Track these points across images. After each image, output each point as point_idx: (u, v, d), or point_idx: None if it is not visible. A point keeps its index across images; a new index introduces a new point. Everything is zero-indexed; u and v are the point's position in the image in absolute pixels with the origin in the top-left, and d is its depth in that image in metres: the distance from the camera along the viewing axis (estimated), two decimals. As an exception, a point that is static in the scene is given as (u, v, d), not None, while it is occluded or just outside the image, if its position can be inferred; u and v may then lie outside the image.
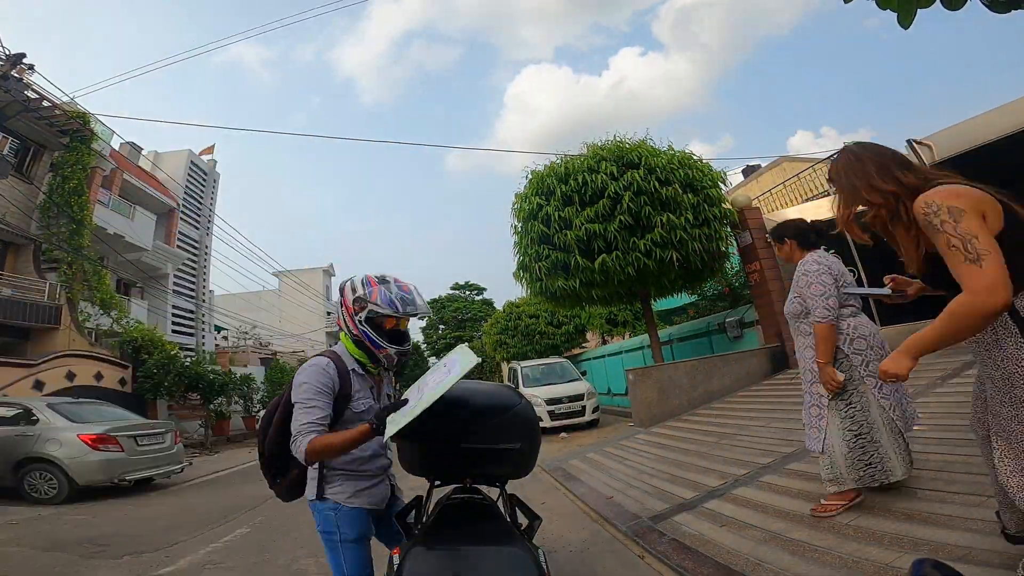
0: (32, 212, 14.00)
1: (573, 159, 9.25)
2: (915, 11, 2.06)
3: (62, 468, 6.86)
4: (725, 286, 12.48)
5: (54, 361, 12.39)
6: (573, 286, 8.82)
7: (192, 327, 21.95)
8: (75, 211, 14.16)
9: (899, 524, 2.75)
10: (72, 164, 14.41)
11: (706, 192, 8.90)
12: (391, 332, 1.89)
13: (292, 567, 3.81)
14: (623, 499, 4.70)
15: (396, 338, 1.90)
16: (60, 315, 13.49)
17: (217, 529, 5.08)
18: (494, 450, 1.75)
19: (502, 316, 21.98)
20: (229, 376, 16.70)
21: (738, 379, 8.65)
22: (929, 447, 3.66)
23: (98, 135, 15.14)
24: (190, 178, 23.11)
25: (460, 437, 1.79)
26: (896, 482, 2.96)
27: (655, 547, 3.42)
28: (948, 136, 6.48)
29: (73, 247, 14.04)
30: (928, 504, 2.87)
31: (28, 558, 4.33)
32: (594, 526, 4.24)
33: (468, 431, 1.79)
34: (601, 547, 3.70)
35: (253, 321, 30.85)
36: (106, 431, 7.20)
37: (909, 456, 2.97)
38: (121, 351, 14.53)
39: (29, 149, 14.21)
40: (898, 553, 2.47)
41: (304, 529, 4.85)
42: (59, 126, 14.25)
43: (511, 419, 1.79)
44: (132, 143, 18.28)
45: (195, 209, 23.33)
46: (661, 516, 3.97)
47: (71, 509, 6.45)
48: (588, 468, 6.35)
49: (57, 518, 5.95)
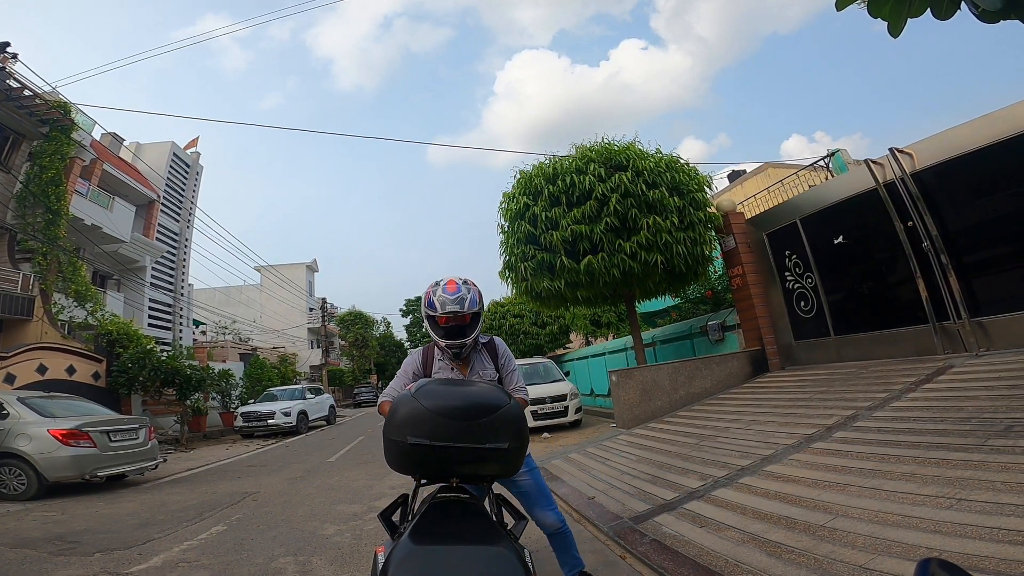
0: (8, 202, 13.63)
1: (561, 160, 9.27)
2: (905, 20, 2.11)
3: (31, 463, 6.71)
4: (708, 290, 12.61)
5: (25, 354, 12.08)
6: (558, 287, 8.84)
7: (170, 321, 21.55)
8: (52, 201, 13.84)
9: (873, 527, 2.80)
10: (51, 154, 14.09)
11: (692, 196, 8.98)
12: (446, 328, 2.31)
13: (269, 565, 3.76)
14: (605, 499, 4.72)
15: (451, 332, 2.31)
16: (33, 306, 13.15)
17: (192, 527, 4.99)
18: (482, 449, 1.74)
19: (487, 315, 21.95)
20: (207, 371, 16.42)
21: (719, 382, 8.75)
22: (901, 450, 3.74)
23: (79, 125, 14.82)
24: (172, 170, 22.69)
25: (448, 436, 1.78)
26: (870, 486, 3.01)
27: (636, 547, 3.44)
28: (930, 145, 6.60)
29: (48, 237, 13.71)
30: (900, 507, 2.93)
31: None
32: (576, 526, 4.24)
33: (456, 430, 1.78)
34: (583, 547, 3.68)
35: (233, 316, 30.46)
36: (77, 426, 7.06)
37: None
38: (95, 344, 14.20)
39: (8, 138, 13.85)
40: (872, 555, 2.52)
41: (282, 528, 4.79)
42: (40, 116, 13.92)
43: (499, 419, 1.78)
44: (114, 134, 17.90)
45: (176, 201, 22.92)
46: (642, 517, 4.00)
47: (40, 505, 6.31)
48: (570, 468, 6.37)
49: (25, 514, 5.82)
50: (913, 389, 5.24)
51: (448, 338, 2.30)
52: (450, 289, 2.26)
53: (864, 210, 7.48)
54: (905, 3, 2.08)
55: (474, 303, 2.27)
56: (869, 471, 3.59)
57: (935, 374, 5.55)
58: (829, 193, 8.13)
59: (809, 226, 8.37)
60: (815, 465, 4.07)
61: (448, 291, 2.25)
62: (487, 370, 2.47)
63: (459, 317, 2.27)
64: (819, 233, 8.24)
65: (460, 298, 2.24)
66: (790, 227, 8.68)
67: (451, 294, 2.25)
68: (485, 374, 2.45)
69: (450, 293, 2.25)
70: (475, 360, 2.49)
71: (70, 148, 14.61)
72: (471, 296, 2.26)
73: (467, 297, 2.25)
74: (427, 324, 2.36)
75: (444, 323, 2.29)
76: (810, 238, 8.37)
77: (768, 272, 9.32)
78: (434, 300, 2.26)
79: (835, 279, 8.15)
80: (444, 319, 2.28)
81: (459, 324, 2.29)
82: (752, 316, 9.30)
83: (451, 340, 2.30)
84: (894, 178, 6.90)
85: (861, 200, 7.48)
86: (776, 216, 9.15)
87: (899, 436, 4.10)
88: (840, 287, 8.13)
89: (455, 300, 2.23)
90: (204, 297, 30.71)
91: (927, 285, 6.71)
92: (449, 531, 1.63)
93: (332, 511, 5.39)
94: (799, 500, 3.49)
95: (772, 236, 9.17)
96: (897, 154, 6.87)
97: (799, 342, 8.84)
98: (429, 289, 2.31)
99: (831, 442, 4.49)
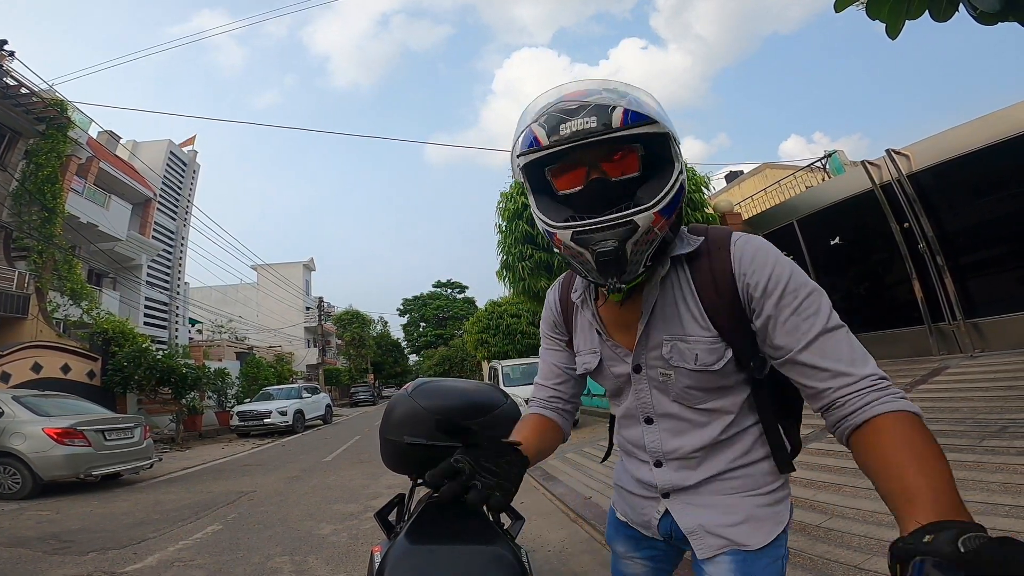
0: (4, 199, 13.58)
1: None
2: (904, 21, 2.12)
3: (26, 462, 6.68)
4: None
5: (20, 352, 12.03)
6: (556, 287, 8.86)
7: (165, 320, 21.49)
8: (48, 199, 13.79)
9: (868, 527, 2.81)
10: (47, 152, 14.06)
11: (690, 196, 9.00)
12: (577, 197, 0.92)
13: (265, 564, 3.74)
14: (601, 499, 4.72)
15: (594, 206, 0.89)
16: (28, 305, 13.11)
17: (188, 526, 4.97)
18: None
19: (484, 315, 21.93)
20: (203, 370, 16.34)
21: (716, 382, 8.78)
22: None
23: (75, 123, 14.77)
24: (169, 168, 22.64)
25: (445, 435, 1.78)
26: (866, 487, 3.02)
27: None
28: (927, 147, 6.63)
29: (44, 235, 13.66)
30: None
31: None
32: (572, 526, 4.25)
33: (453, 429, 1.78)
34: (579, 547, 3.72)
35: (229, 315, 30.38)
36: (72, 425, 7.04)
37: None
38: (90, 343, 14.15)
39: (4, 136, 13.80)
40: (867, 555, 2.52)
41: (278, 527, 4.77)
42: (36, 113, 13.87)
43: (496, 418, 1.78)
44: (110, 132, 17.87)
45: (173, 200, 22.86)
46: None
47: (34, 504, 6.27)
48: (567, 468, 6.37)
49: (19, 514, 5.78)
50: (908, 390, 5.26)
51: (587, 245, 0.85)
52: (573, 94, 0.90)
53: (861, 211, 7.51)
54: (903, 5, 2.09)
55: (640, 114, 0.83)
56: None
57: (930, 375, 5.57)
58: (826, 194, 8.16)
59: (806, 227, 8.40)
60: (810, 465, 4.07)
61: (568, 97, 0.89)
62: (698, 332, 0.93)
63: (604, 151, 0.86)
64: (816, 234, 8.27)
65: (597, 106, 0.84)
66: (787, 228, 8.70)
67: (575, 100, 0.87)
68: (692, 347, 0.92)
69: (573, 99, 0.87)
70: (666, 301, 0.96)
71: (66, 146, 14.56)
72: (630, 98, 0.86)
73: (616, 101, 0.85)
74: (535, 210, 0.94)
75: (568, 183, 0.90)
76: (807, 239, 8.40)
77: (765, 273, 9.34)
78: (533, 128, 0.88)
79: (831, 280, 8.17)
80: (563, 172, 0.90)
81: (606, 180, 0.87)
82: (749, 317, 9.33)
83: (600, 251, 0.83)
84: (891, 179, 6.92)
85: (858, 201, 7.50)
86: (773, 217, 9.17)
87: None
88: (836, 288, 8.15)
89: (585, 112, 0.83)
90: (200, 295, 30.63)
91: (923, 286, 6.74)
92: (446, 531, 1.63)
93: (328, 510, 5.38)
94: (794, 500, 3.50)
95: (769, 237, 9.08)
96: (894, 155, 6.90)
97: (795, 343, 8.86)
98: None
99: (826, 442, 4.50)
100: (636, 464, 1.06)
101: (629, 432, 1.06)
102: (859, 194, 7.40)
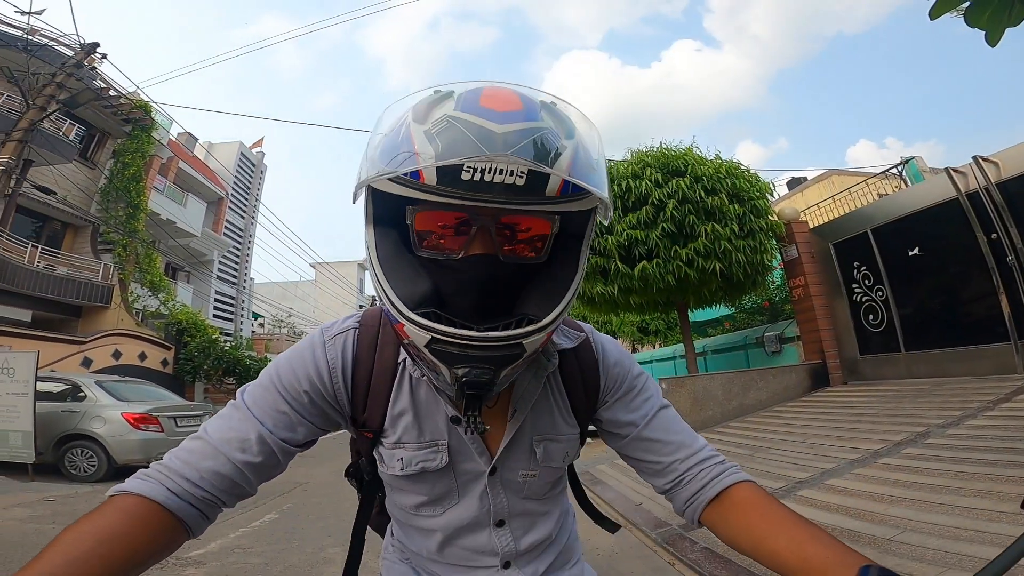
0: (93, 195, 14.69)
1: (617, 164, 9.16)
2: (1004, 29, 1.99)
3: (103, 446, 6.95)
4: (765, 300, 12.17)
5: (103, 339, 12.88)
6: (611, 292, 8.72)
7: (231, 312, 22.66)
8: (133, 196, 14.83)
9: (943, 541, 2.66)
10: (132, 151, 15.12)
11: (753, 203, 8.68)
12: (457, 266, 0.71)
13: (319, 555, 3.85)
14: (652, 506, 4.61)
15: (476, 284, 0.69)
16: (111, 295, 14.07)
17: (246, 514, 5.17)
18: None
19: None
20: (264, 362, 17.08)
21: (775, 394, 8.43)
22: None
23: (159, 124, 15.80)
24: (240, 168, 23.90)
25: None
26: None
27: (686, 554, 3.35)
28: (1017, 153, 6.16)
29: (129, 230, 14.67)
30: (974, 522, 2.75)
31: (63, 537, 4.45)
32: (622, 531, 4.19)
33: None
34: (629, 552, 3.66)
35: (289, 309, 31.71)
36: (148, 411, 7.29)
37: None
38: (165, 333, 15.07)
39: (94, 136, 14.93)
40: (942, 568, 2.40)
41: (331, 518, 4.90)
42: (123, 115, 14.94)
43: None
44: (189, 133, 19.08)
45: (242, 198, 24.10)
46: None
47: (106, 488, 6.53)
48: (615, 473, 6.26)
49: (93, 496, 6.01)
50: (991, 408, 4.95)
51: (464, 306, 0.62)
52: (494, 104, 0.56)
53: (943, 221, 7.04)
54: (1004, 12, 1.96)
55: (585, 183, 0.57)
56: (940, 487, 3.42)
57: (1014, 393, 5.21)
58: (905, 203, 7.70)
59: (881, 237, 7.94)
60: (881, 480, 3.86)
61: (490, 106, 0.56)
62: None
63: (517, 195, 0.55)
64: (892, 244, 7.81)
65: (536, 146, 0.54)
66: (860, 238, 8.26)
67: (501, 117, 0.55)
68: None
69: (497, 112, 0.55)
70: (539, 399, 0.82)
71: (150, 146, 15.62)
72: (576, 142, 0.59)
73: (557, 143, 0.56)
74: (372, 261, 0.63)
75: (437, 243, 0.62)
76: (882, 249, 7.94)
77: (834, 284, 8.91)
78: (416, 142, 0.55)
79: (908, 292, 7.70)
80: (435, 221, 0.60)
81: (494, 259, 0.61)
82: (814, 328, 8.93)
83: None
84: (977, 188, 6.47)
85: (940, 211, 7.04)
86: (845, 226, 8.73)
87: (974, 454, 3.87)
88: (914, 301, 7.67)
89: (517, 148, 0.52)
90: (263, 290, 32.12)
91: (1010, 301, 6.27)
92: None
93: None
94: (863, 514, 3.32)
95: (840, 247, 8.75)
96: (981, 163, 6.44)
97: (865, 357, 8.40)
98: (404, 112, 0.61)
99: (899, 457, 4.27)
100: (468, 574, 0.84)
101: (467, 541, 0.82)
102: (942, 203, 6.91)
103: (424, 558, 0.86)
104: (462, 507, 0.80)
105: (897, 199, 8.00)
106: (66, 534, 0.57)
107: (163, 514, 0.63)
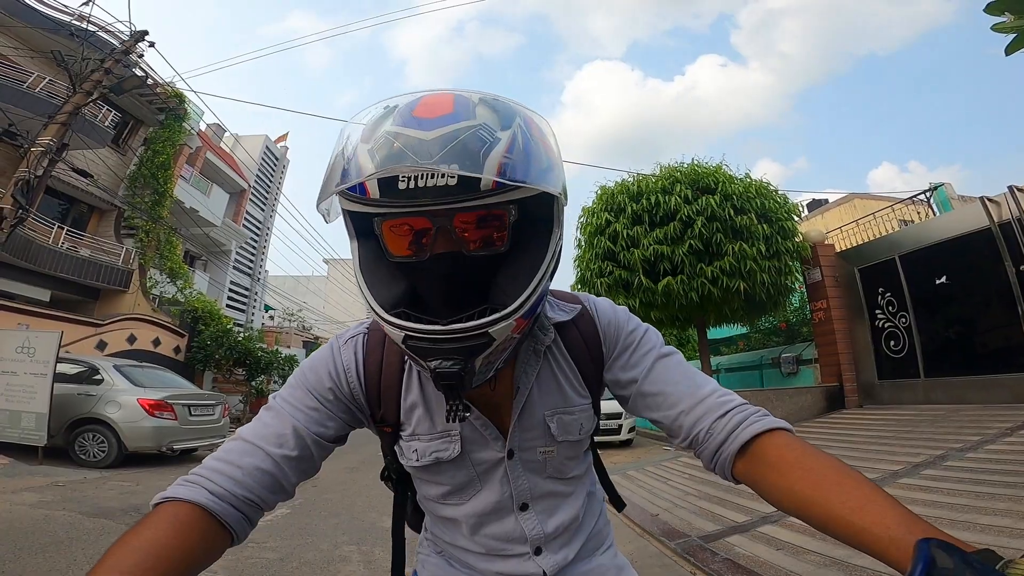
0: (121, 181, 14.88)
1: (646, 178, 9.22)
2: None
3: (116, 431, 6.76)
4: (782, 321, 12.16)
5: (119, 323, 12.89)
6: (633, 305, 8.76)
7: (244, 303, 22.81)
8: (160, 183, 14.99)
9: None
10: (164, 140, 15.30)
11: (780, 224, 8.71)
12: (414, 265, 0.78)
13: (335, 552, 3.79)
14: (670, 517, 4.63)
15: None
16: (131, 279, 14.17)
17: (258, 507, 5.18)
18: None
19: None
20: (275, 355, 17.13)
21: (790, 414, 8.44)
22: None
23: (191, 114, 16.00)
24: (264, 161, 24.17)
25: None
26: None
27: (708, 565, 3.37)
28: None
29: (153, 217, 14.83)
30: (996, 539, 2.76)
31: (73, 523, 4.27)
32: (640, 540, 4.20)
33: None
34: (649, 562, 3.65)
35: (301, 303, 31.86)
36: (164, 398, 7.10)
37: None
38: (180, 320, 15.16)
39: (128, 123, 15.15)
40: None
41: (343, 516, 4.86)
42: (158, 104, 15.15)
43: None
44: (218, 124, 19.30)
45: (263, 191, 24.34)
46: (712, 536, 3.91)
47: (115, 475, 6.38)
48: (630, 485, 6.28)
49: (102, 483, 5.92)
50: (1009, 434, 5.03)
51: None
52: (425, 113, 0.60)
53: (973, 250, 7.06)
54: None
55: (519, 167, 0.59)
56: (961, 506, 3.48)
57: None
58: (934, 230, 7.72)
59: (909, 264, 7.96)
60: (901, 499, 3.80)
61: (422, 115, 0.60)
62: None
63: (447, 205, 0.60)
64: (920, 272, 7.82)
65: (462, 148, 0.56)
66: (887, 264, 8.28)
67: (430, 124, 0.58)
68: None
69: (428, 120, 0.59)
70: (543, 373, 0.84)
71: (181, 136, 15.81)
72: (514, 132, 0.61)
73: (490, 136, 0.59)
74: (358, 272, 0.69)
75: (403, 246, 0.66)
76: (909, 276, 7.96)
77: (856, 308, 8.92)
78: (360, 159, 0.60)
79: (932, 320, 7.72)
80: (398, 228, 0.65)
81: (457, 256, 0.65)
82: (833, 351, 8.95)
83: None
84: (1010, 218, 6.49)
85: (971, 239, 7.06)
86: (871, 251, 8.76)
87: (994, 476, 3.94)
88: (936, 328, 7.70)
89: (443, 155, 0.56)
90: (275, 283, 32.31)
91: (1034, 333, 6.31)
92: None
93: (390, 504, 5.49)
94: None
95: (865, 272, 8.78)
96: (1016, 192, 6.46)
97: (883, 381, 8.41)
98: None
99: (919, 478, 4.33)
100: (501, 562, 0.85)
101: (495, 528, 0.84)
102: (974, 232, 6.95)
103: (458, 548, 0.88)
104: (485, 494, 0.83)
105: (927, 227, 8.03)
106: (114, 549, 0.56)
107: (207, 520, 0.64)
